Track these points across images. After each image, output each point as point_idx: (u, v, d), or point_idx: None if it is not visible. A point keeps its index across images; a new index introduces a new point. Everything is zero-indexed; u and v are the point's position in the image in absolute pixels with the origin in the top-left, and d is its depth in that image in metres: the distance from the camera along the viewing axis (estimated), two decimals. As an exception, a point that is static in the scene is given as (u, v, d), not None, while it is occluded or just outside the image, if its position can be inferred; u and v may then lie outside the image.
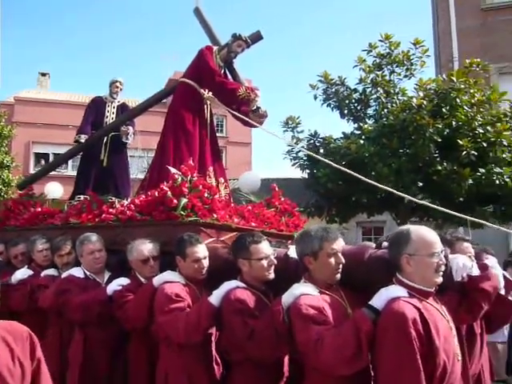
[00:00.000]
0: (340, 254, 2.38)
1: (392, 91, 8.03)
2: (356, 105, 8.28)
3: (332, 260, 2.36)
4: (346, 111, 8.26)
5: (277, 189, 4.44)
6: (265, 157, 41.13)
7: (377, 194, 7.82)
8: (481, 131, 7.01)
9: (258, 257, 2.66)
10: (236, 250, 2.77)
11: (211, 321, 2.66)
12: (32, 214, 4.54)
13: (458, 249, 2.78)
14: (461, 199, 7.29)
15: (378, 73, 8.09)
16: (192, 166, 3.63)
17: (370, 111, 8.29)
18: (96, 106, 5.57)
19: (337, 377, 2.16)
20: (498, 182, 6.88)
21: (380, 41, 7.99)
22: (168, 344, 2.78)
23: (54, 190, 5.22)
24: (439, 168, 7.05)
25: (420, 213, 8.42)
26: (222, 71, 4.61)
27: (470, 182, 6.86)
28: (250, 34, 4.69)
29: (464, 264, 2.43)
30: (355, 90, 8.20)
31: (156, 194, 3.52)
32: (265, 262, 2.66)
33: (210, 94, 4.40)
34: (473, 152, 6.86)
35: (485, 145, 6.99)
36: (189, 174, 3.52)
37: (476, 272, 2.48)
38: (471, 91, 7.18)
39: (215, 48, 4.63)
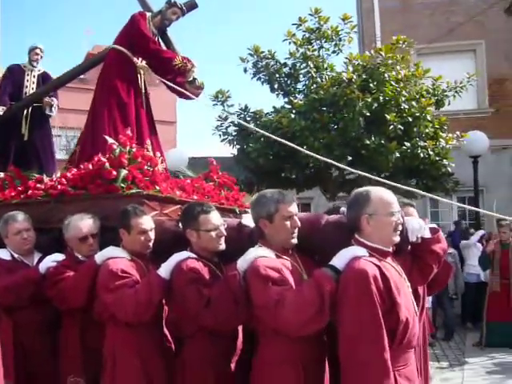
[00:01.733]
0: (296, 218, 2.38)
1: (321, 66, 8.10)
2: (286, 79, 8.26)
3: (288, 223, 2.34)
4: (276, 85, 8.24)
5: (214, 163, 4.34)
6: (192, 136, 40.40)
7: (306, 169, 7.95)
8: (406, 106, 7.28)
9: (206, 228, 2.56)
10: (185, 220, 2.66)
11: (162, 295, 2.55)
12: None
13: (405, 213, 2.85)
14: (386, 173, 7.60)
15: (307, 47, 8.11)
16: (130, 137, 3.42)
17: (300, 86, 8.33)
18: (13, 75, 5.06)
19: (294, 339, 2.19)
20: (422, 155, 7.23)
21: (310, 15, 7.99)
22: (115, 323, 2.62)
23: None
24: (367, 142, 7.25)
25: (348, 187, 8.69)
26: (156, 39, 4.36)
27: (397, 155, 7.12)
28: (184, 1, 4.48)
29: (420, 225, 2.50)
30: (285, 65, 8.18)
31: (91, 166, 3.29)
32: (213, 233, 2.57)
33: (144, 62, 4.16)
34: (399, 126, 7.12)
35: (410, 119, 7.27)
36: (128, 144, 3.31)
37: (428, 234, 2.55)
38: (397, 67, 7.40)
39: (148, 14, 4.35)
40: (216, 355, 2.49)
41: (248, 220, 2.70)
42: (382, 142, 7.09)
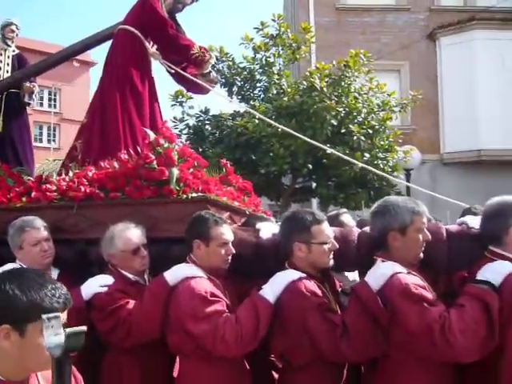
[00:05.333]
0: (426, 230, 2.11)
1: (277, 74, 8.02)
2: (243, 83, 8.06)
3: (420, 236, 2.08)
4: (234, 89, 7.99)
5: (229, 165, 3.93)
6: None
7: (257, 176, 7.76)
8: (367, 119, 7.45)
9: (320, 240, 2.16)
10: (292, 230, 2.22)
11: (270, 322, 2.10)
12: None
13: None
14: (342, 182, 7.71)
15: (265, 54, 7.99)
16: (170, 130, 2.95)
17: (256, 91, 8.17)
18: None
19: (434, 368, 1.96)
20: (381, 166, 7.43)
21: (272, 20, 7.88)
22: (200, 358, 2.13)
23: None
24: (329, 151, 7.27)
25: (299, 196, 8.68)
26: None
27: (360, 165, 7.22)
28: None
29: None
30: (244, 69, 7.97)
31: (129, 163, 2.75)
32: (326, 247, 2.18)
33: (155, 47, 3.68)
34: (362, 138, 7.25)
35: (370, 131, 7.45)
36: (175, 139, 2.84)
37: None
38: (360, 80, 7.56)
39: (160, -5, 3.87)
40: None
41: (266, 229, 2.44)
42: (347, 151, 7.15)
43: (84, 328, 1.12)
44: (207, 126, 7.84)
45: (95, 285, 2.38)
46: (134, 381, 2.28)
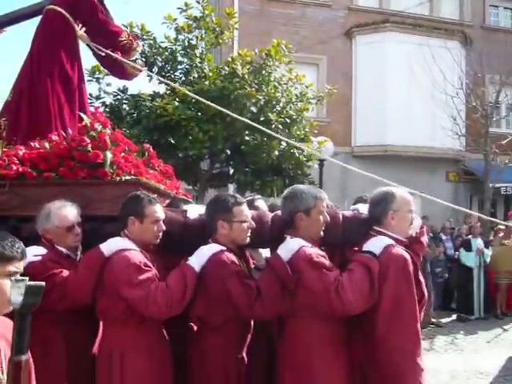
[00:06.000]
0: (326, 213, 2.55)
1: (199, 57, 7.99)
2: (164, 64, 7.94)
3: (321, 218, 2.51)
4: (154, 70, 7.84)
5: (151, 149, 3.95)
6: None
7: (177, 159, 7.74)
8: (285, 108, 7.68)
9: (240, 219, 2.49)
10: (215, 210, 2.53)
11: (195, 288, 2.38)
12: None
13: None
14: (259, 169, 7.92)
15: (188, 35, 7.92)
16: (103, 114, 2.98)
17: (177, 73, 8.09)
18: None
19: (331, 321, 2.37)
20: (297, 155, 7.71)
21: (197, 2, 7.82)
22: (123, 323, 2.35)
23: None
24: (247, 139, 7.43)
25: (217, 181, 8.78)
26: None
27: (276, 153, 7.46)
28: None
29: (418, 223, 2.80)
30: (165, 49, 7.85)
31: (61, 144, 2.80)
32: (245, 225, 2.50)
33: (83, 30, 3.59)
34: (279, 126, 7.47)
35: (288, 121, 7.69)
36: (108, 124, 2.88)
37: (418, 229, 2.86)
38: (281, 70, 7.74)
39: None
40: (238, 343, 2.51)
41: (192, 211, 2.73)
42: (265, 139, 7.34)
43: (43, 284, 1.36)
44: (125, 106, 7.65)
45: (29, 254, 2.37)
46: (60, 354, 2.39)
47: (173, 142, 7.52)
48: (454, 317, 8.95)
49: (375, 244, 2.41)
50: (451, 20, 15.42)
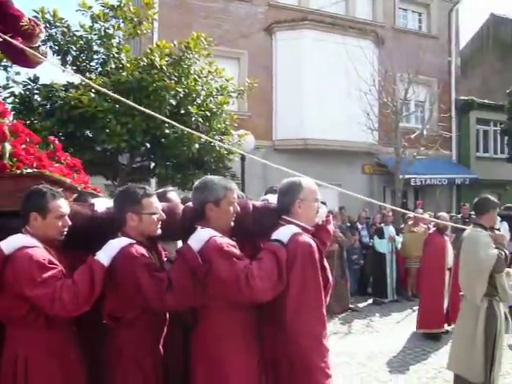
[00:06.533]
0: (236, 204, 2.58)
1: (116, 47, 7.77)
2: (79, 53, 7.62)
3: (231, 208, 2.53)
4: (68, 59, 7.51)
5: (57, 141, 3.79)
6: None
7: (94, 152, 7.51)
8: (205, 101, 7.68)
9: (150, 211, 2.46)
10: (124, 202, 2.46)
11: (103, 283, 2.29)
12: None
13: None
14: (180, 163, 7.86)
15: (104, 24, 7.67)
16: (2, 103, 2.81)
17: (93, 63, 7.80)
18: None
19: (244, 313, 2.42)
20: (217, 148, 7.75)
21: (112, -9, 7.58)
22: (27, 324, 2.22)
23: None
24: (167, 132, 7.34)
25: (137, 175, 8.60)
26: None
27: (197, 146, 7.44)
28: None
29: (325, 211, 2.91)
30: (80, 38, 7.53)
31: None
32: (155, 217, 2.47)
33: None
34: (200, 119, 7.46)
35: (208, 114, 7.70)
36: (8, 114, 2.76)
37: (324, 218, 2.97)
38: (201, 63, 7.72)
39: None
40: (153, 337, 2.49)
41: (100, 204, 2.66)
42: (185, 132, 7.29)
43: None
44: (36, 97, 7.25)
45: None
46: None
47: (90, 134, 7.28)
48: (370, 301, 9.45)
49: (283, 233, 2.46)
50: (365, 20, 16.17)
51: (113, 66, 7.46)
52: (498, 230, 7.39)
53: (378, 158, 15.79)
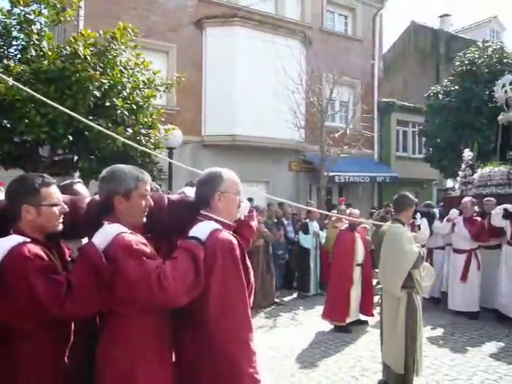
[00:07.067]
0: (149, 197, 2.34)
1: (37, 34, 7.38)
2: (-3, 39, 7.16)
3: (143, 202, 2.29)
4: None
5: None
6: None
7: (11, 144, 7.13)
8: (132, 94, 7.49)
9: (50, 202, 2.18)
10: (20, 194, 2.16)
11: None
12: None
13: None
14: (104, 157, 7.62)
15: (25, 9, 7.25)
16: None
17: (12, 50, 7.36)
18: None
19: (156, 318, 2.20)
20: (144, 142, 7.60)
21: (33, -26, 7.18)
22: None
23: None
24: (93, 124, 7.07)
25: (57, 168, 8.24)
26: None
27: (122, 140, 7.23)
28: None
29: (247, 206, 2.72)
30: (-1, 22, 7.08)
31: None
32: (56, 209, 2.21)
33: None
34: (125, 112, 7.27)
35: (134, 107, 7.53)
36: None
37: (246, 212, 2.81)
38: (127, 54, 7.51)
39: None
40: (56, 349, 2.19)
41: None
42: (110, 125, 7.09)
43: None
44: None
45: None
46: None
47: (7, 125, 6.88)
48: (295, 295, 9.71)
49: (201, 229, 2.25)
50: (294, 20, 16.52)
51: (33, 53, 7.07)
52: (419, 226, 7.99)
53: (304, 156, 16.22)
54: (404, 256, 4.27)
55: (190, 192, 2.56)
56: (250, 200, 12.07)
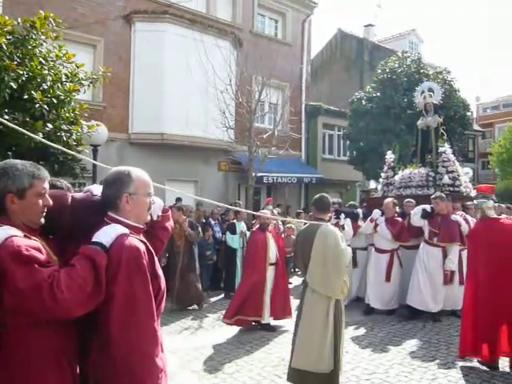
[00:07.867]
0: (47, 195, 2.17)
1: None
2: None
3: (40, 201, 2.12)
4: None
5: None
6: None
7: None
8: (52, 87, 7.13)
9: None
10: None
11: None
12: None
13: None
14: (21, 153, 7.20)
15: None
16: None
17: None
18: None
19: (56, 331, 2.03)
20: (65, 138, 7.25)
21: None
22: None
23: None
24: (6, 117, 6.67)
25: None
26: None
27: (41, 136, 6.87)
28: None
29: (159, 205, 2.57)
30: None
31: None
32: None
33: None
34: (45, 106, 6.90)
35: (55, 101, 7.16)
36: None
37: (160, 213, 2.61)
38: (47, 45, 7.14)
39: None
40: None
41: None
42: (27, 119, 6.70)
43: None
44: None
45: None
46: None
47: None
48: (223, 295, 9.71)
49: (106, 233, 2.08)
50: (225, 21, 16.54)
51: None
52: (343, 226, 8.23)
53: (233, 156, 16.29)
54: (343, 255, 4.21)
55: (98, 191, 2.37)
56: (179, 200, 11.98)
